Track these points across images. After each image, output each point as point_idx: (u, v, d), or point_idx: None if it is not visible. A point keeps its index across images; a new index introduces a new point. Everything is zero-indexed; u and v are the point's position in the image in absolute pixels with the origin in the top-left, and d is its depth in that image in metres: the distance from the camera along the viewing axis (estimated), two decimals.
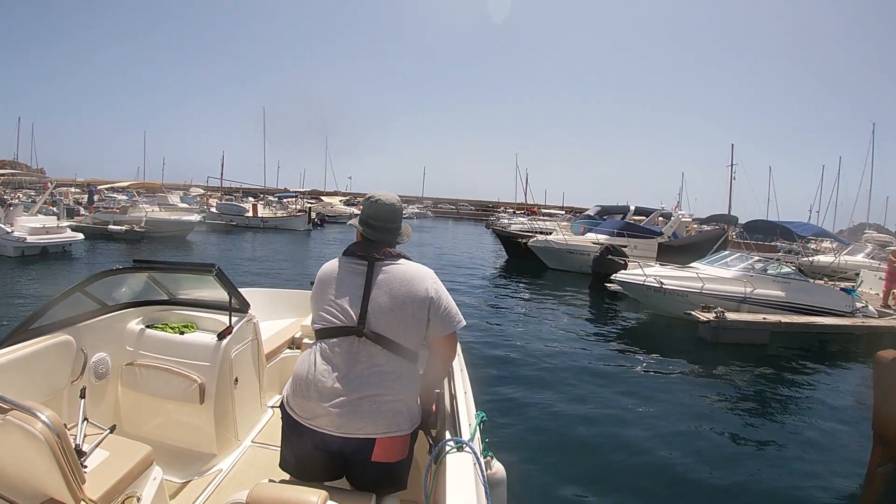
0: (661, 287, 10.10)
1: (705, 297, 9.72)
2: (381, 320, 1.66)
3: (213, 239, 23.74)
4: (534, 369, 7.01)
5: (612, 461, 4.59)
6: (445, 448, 1.60)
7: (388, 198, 1.85)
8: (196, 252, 19.12)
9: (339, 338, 1.66)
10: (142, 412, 2.72)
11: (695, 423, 5.61)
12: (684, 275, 10.53)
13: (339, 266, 1.77)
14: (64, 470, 1.46)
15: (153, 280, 2.98)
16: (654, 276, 10.29)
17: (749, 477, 4.50)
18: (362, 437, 1.60)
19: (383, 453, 1.63)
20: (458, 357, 2.49)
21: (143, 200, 25.31)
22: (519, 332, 9.30)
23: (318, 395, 1.61)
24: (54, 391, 2.27)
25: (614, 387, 6.55)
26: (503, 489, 1.85)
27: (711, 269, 10.79)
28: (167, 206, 24.76)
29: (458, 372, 2.26)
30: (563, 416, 5.44)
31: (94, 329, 2.59)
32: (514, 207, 61.10)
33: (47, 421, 1.44)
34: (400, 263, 1.75)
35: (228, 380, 2.74)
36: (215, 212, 29.99)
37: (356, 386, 1.61)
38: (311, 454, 1.66)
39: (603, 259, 13.77)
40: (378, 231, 1.81)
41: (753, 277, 10.26)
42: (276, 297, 4.34)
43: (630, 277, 10.71)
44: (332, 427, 1.60)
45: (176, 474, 2.43)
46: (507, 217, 48.98)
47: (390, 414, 1.63)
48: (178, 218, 21.71)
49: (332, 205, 46.03)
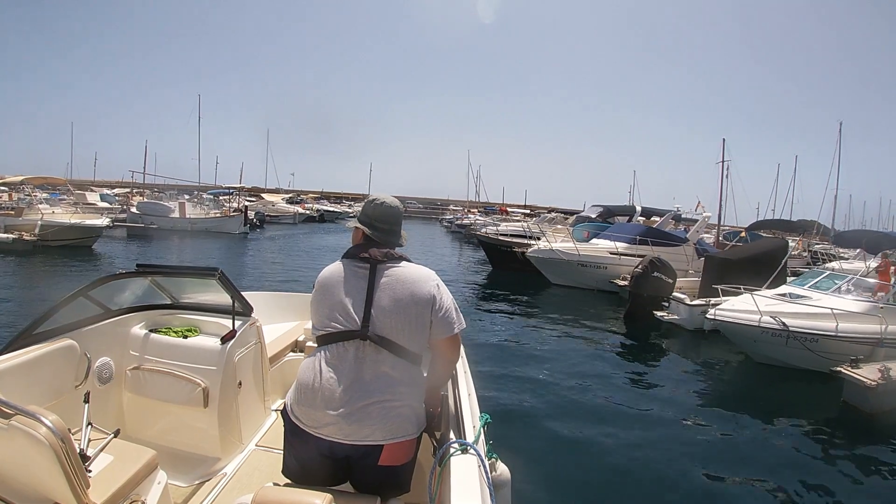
0: (786, 330, 7.16)
1: (839, 343, 7.08)
2: (384, 323, 1.65)
3: (128, 248, 19.46)
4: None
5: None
6: (450, 450, 1.59)
7: (391, 201, 1.86)
8: (98, 267, 14.43)
9: (344, 342, 1.65)
10: (146, 416, 2.72)
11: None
12: (797, 309, 7.70)
13: (340, 270, 1.75)
14: (68, 474, 1.46)
15: (156, 284, 2.98)
16: (770, 312, 7.41)
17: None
18: (371, 443, 1.59)
19: (390, 457, 1.62)
20: (462, 359, 2.48)
21: (42, 199, 21.05)
22: (539, 389, 6.26)
23: (325, 404, 1.59)
24: (58, 396, 2.27)
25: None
26: (508, 491, 1.85)
27: (829, 299, 7.92)
28: (85, 206, 21.86)
29: (462, 374, 2.26)
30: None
31: (97, 333, 2.59)
32: (467, 205, 58.17)
33: (51, 425, 1.44)
34: (402, 266, 1.74)
35: (232, 383, 2.74)
36: (136, 212, 25.54)
37: (363, 392, 1.60)
38: (317, 461, 1.64)
39: (647, 277, 10.35)
40: (383, 233, 1.81)
41: (885, 309, 7.50)
42: (279, 300, 4.35)
43: (736, 315, 7.60)
44: (340, 435, 1.58)
45: (180, 478, 2.42)
46: (459, 215, 45.95)
47: (398, 419, 1.62)
48: (81, 222, 17.12)
49: (273, 203, 42.72)
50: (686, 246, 14.41)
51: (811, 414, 6.29)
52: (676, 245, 14.34)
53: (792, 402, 6.81)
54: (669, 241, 14.59)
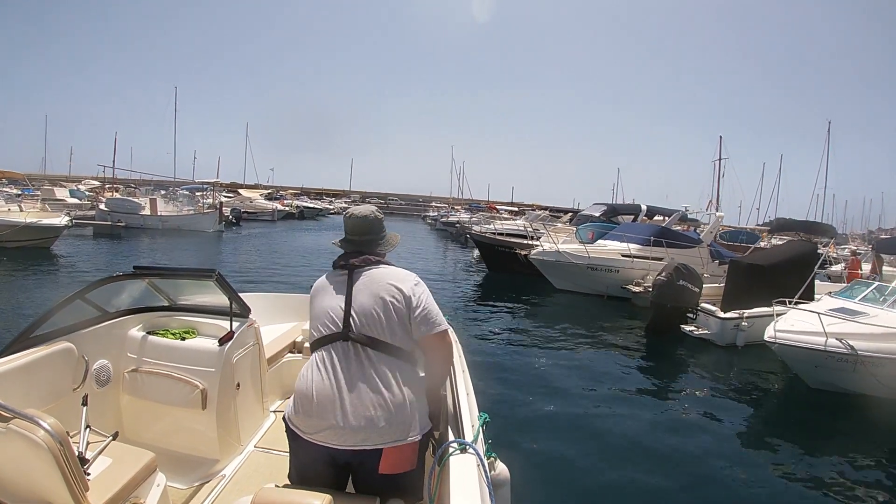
0: (854, 354, 6.14)
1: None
2: (364, 321, 1.67)
3: (92, 248, 17.74)
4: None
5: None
6: (449, 450, 1.60)
7: (360, 211, 1.91)
8: (53, 272, 12.72)
9: (330, 345, 1.68)
10: (144, 419, 2.72)
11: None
12: (860, 329, 6.53)
13: (327, 278, 1.84)
14: (67, 478, 1.46)
15: (153, 286, 2.98)
16: (836, 333, 6.33)
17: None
18: (368, 448, 1.59)
19: (390, 465, 1.60)
20: (459, 358, 2.49)
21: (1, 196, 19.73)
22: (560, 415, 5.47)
23: (321, 410, 1.60)
24: (56, 399, 2.26)
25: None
26: (507, 490, 1.85)
27: (888, 315, 6.85)
28: (52, 203, 21.18)
29: (460, 373, 2.26)
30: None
31: (94, 336, 2.59)
32: (451, 202, 56.57)
33: (50, 429, 1.44)
34: (380, 267, 1.79)
35: (230, 385, 2.74)
36: (105, 209, 23.94)
37: (356, 394, 1.60)
38: (320, 468, 1.65)
39: (672, 286, 9.07)
40: (354, 244, 1.87)
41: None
42: (276, 301, 4.34)
43: (800, 338, 6.46)
44: (337, 441, 1.58)
45: (179, 480, 2.42)
46: (444, 212, 44.23)
47: (397, 420, 1.61)
48: (37, 221, 15.47)
49: (251, 199, 41.02)
50: (700, 248, 13.18)
51: (874, 445, 5.30)
52: (691, 247, 12.99)
53: (865, 433, 5.59)
54: (685, 243, 13.20)
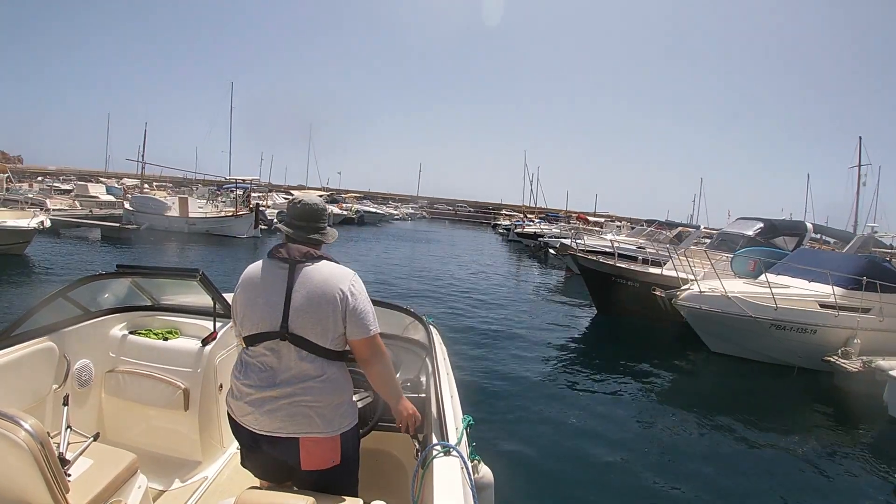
0: None
1: None
2: (299, 322, 1.68)
3: (88, 253, 14.69)
4: None
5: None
6: (432, 453, 1.61)
7: (309, 199, 1.89)
8: (17, 280, 10.51)
9: (265, 342, 1.70)
10: (126, 419, 2.69)
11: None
12: None
13: (261, 269, 1.77)
14: (47, 479, 1.44)
15: (136, 285, 2.95)
16: None
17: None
18: (283, 436, 1.65)
19: (310, 460, 1.66)
20: (444, 361, 2.50)
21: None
22: None
23: (246, 397, 1.69)
24: (37, 399, 2.23)
25: None
26: (491, 493, 1.88)
27: None
28: (85, 199, 20.56)
29: (445, 375, 2.27)
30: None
31: (76, 335, 2.55)
32: (524, 210, 51.49)
33: (30, 429, 1.42)
34: (321, 264, 1.75)
35: (213, 386, 2.72)
36: (129, 209, 21.51)
37: (279, 387, 1.66)
38: (253, 452, 1.75)
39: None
40: (301, 231, 1.83)
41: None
42: None
43: None
44: (256, 425, 1.67)
45: (161, 482, 2.40)
46: (518, 221, 39.55)
47: (311, 415, 1.66)
48: (2, 223, 12.75)
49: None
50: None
51: None
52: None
53: None
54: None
